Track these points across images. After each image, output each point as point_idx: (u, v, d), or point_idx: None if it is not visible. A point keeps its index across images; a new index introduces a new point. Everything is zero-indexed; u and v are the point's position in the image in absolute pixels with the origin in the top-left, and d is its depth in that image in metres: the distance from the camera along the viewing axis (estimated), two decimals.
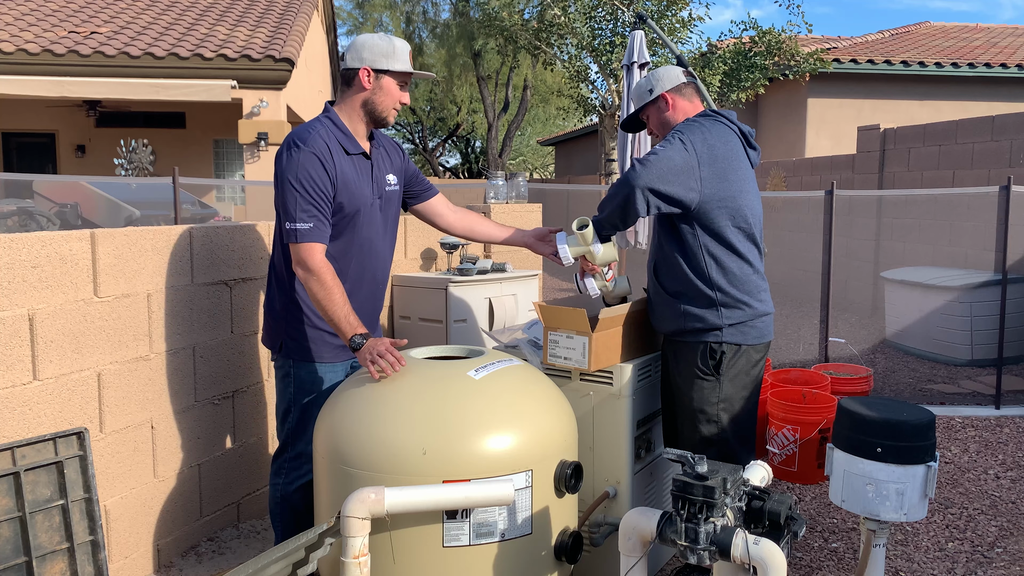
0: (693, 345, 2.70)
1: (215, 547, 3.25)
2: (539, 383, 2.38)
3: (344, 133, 2.58)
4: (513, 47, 13.49)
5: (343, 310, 2.40)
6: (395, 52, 2.55)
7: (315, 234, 2.45)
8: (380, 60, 2.54)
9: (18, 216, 7.17)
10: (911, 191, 5.84)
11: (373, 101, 2.58)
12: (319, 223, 2.46)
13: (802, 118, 13.26)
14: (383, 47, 2.54)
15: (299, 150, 2.46)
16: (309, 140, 2.48)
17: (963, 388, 5.84)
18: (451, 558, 2.12)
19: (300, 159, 2.45)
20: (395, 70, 2.55)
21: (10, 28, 10.80)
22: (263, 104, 10.58)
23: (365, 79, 2.55)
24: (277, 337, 2.67)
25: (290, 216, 2.45)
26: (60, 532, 2.20)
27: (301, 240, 2.43)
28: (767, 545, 1.85)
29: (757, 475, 2.32)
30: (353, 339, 2.37)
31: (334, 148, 2.52)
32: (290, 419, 2.67)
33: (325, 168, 2.47)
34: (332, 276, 2.43)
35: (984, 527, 3.50)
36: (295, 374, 2.64)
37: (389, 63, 2.54)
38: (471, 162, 32.32)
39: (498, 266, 4.39)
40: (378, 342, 2.35)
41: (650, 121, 2.88)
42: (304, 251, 2.43)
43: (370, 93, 2.57)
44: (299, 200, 2.43)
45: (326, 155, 2.48)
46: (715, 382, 2.68)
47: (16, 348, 2.48)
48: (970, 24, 17.18)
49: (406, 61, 2.58)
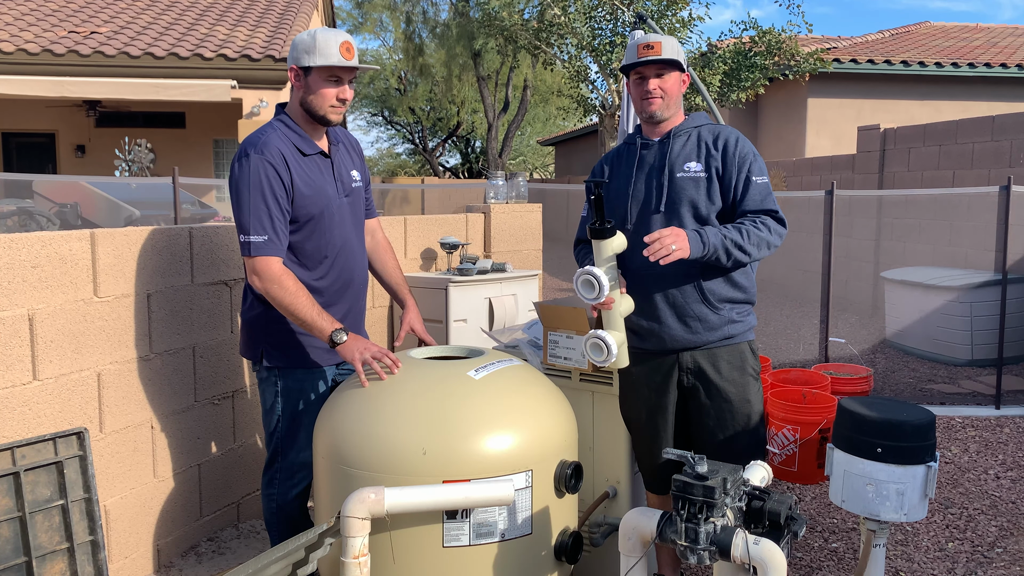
0: (739, 347, 2.56)
1: (215, 547, 3.25)
2: (539, 383, 2.37)
3: (298, 134, 2.48)
4: (513, 47, 13.50)
5: (312, 310, 2.34)
6: (316, 47, 2.37)
7: (270, 247, 2.36)
8: (302, 57, 2.40)
9: (18, 216, 7.17)
10: (911, 191, 5.84)
11: (307, 101, 2.45)
12: (274, 235, 2.37)
13: (802, 118, 13.26)
14: (305, 43, 2.40)
15: (250, 158, 2.37)
16: (261, 145, 2.38)
17: (963, 388, 5.84)
18: (451, 558, 2.12)
19: (252, 166, 2.35)
20: (316, 65, 2.38)
21: (10, 28, 10.80)
22: (263, 104, 10.57)
23: (293, 78, 2.45)
24: (257, 346, 2.59)
25: (243, 227, 2.35)
26: (60, 532, 2.20)
27: (255, 254, 2.34)
28: (767, 545, 1.85)
29: (757, 475, 2.32)
30: (333, 335, 2.32)
31: (289, 151, 2.43)
32: (279, 429, 2.59)
33: (279, 174, 2.38)
34: (293, 281, 2.37)
35: (984, 527, 3.50)
36: (280, 383, 2.57)
37: (311, 59, 2.39)
38: (471, 162, 32.32)
39: (498, 266, 4.39)
40: (368, 344, 2.31)
41: (667, 83, 2.51)
42: (259, 264, 2.35)
43: (303, 93, 2.45)
44: (252, 211, 2.34)
45: (279, 160, 2.38)
46: (759, 380, 2.62)
47: (16, 348, 2.47)
48: (970, 24, 17.18)
49: (329, 54, 2.38)
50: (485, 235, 5.04)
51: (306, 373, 2.57)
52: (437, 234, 4.62)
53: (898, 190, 5.93)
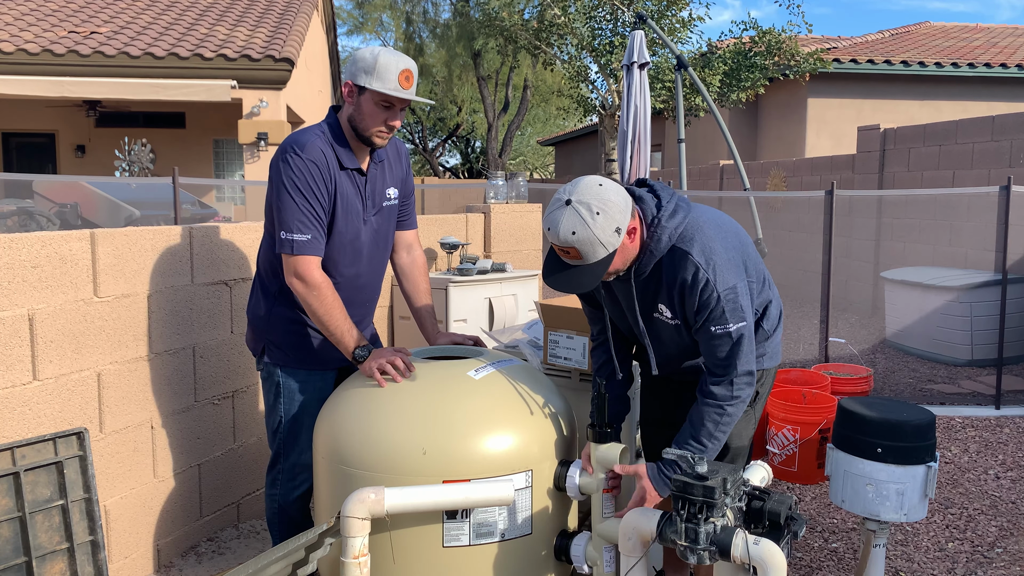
0: None
1: (215, 547, 3.25)
2: (539, 383, 2.37)
3: (342, 145, 2.43)
4: (513, 47, 13.50)
5: (344, 324, 2.34)
6: (376, 69, 2.30)
7: (312, 247, 2.34)
8: (360, 75, 2.32)
9: (18, 216, 7.17)
10: (911, 191, 5.83)
11: (355, 119, 2.38)
12: (316, 235, 2.35)
13: (802, 118, 13.26)
14: (365, 61, 2.31)
15: (298, 157, 2.35)
16: (307, 146, 2.35)
17: (963, 388, 5.84)
18: (451, 558, 2.12)
19: (296, 165, 2.33)
20: (373, 89, 2.31)
21: (10, 28, 10.80)
22: (263, 104, 10.58)
23: (346, 93, 2.38)
24: (259, 342, 2.59)
25: (286, 225, 2.33)
26: (60, 532, 2.20)
27: (297, 252, 2.32)
28: (767, 545, 1.85)
29: (757, 475, 2.32)
30: (356, 352, 2.32)
31: (331, 159, 2.39)
32: (281, 429, 2.58)
33: (323, 178, 2.36)
34: (332, 291, 2.35)
35: (984, 527, 3.50)
36: (283, 383, 2.56)
37: (368, 80, 2.31)
38: (471, 162, 32.34)
39: (498, 266, 4.39)
40: (384, 352, 2.30)
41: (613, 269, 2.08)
42: (301, 264, 2.33)
43: (353, 110, 2.38)
44: (296, 209, 2.33)
45: (323, 165, 2.36)
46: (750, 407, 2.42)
47: (16, 348, 2.47)
48: (970, 24, 17.19)
49: (387, 80, 2.30)
50: (485, 235, 5.04)
51: (308, 374, 2.56)
52: (437, 234, 4.62)
53: (898, 190, 5.93)
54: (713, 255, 2.07)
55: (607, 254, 1.99)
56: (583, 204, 1.94)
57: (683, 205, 2.15)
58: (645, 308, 2.21)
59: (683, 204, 2.15)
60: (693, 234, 2.09)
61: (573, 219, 1.94)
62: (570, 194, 1.97)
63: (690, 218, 2.12)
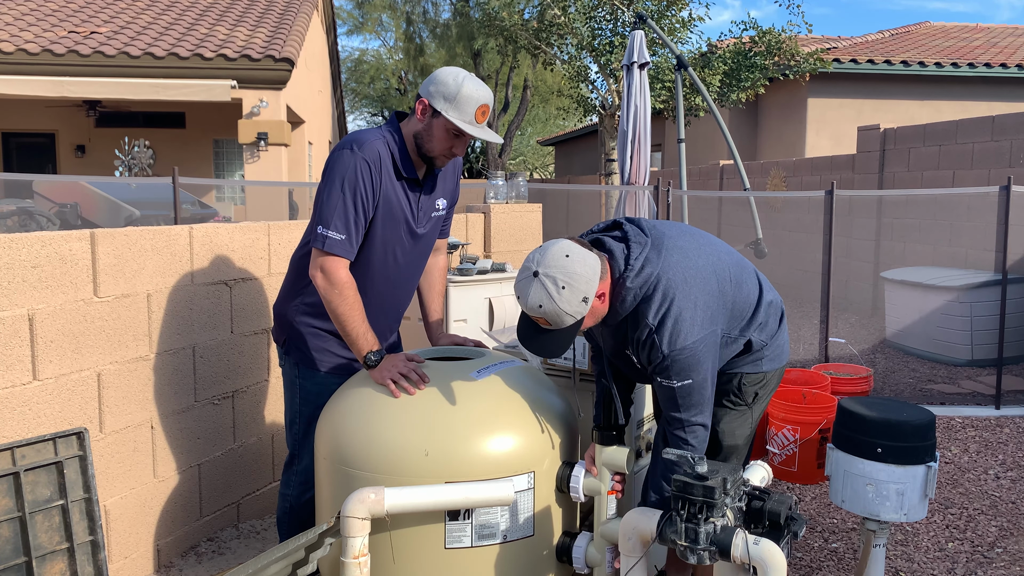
0: (726, 375, 2.38)
1: (215, 547, 3.25)
2: (540, 384, 2.37)
3: (402, 153, 2.40)
4: (513, 47, 13.50)
5: (361, 328, 2.32)
6: (457, 99, 2.29)
7: (344, 248, 2.32)
8: (438, 99, 2.31)
9: (18, 216, 7.17)
10: (911, 191, 5.83)
11: (422, 137, 2.37)
12: (351, 237, 2.33)
13: (802, 118, 13.27)
14: (448, 87, 2.29)
15: (354, 154, 2.31)
16: (365, 144, 2.33)
17: (963, 388, 5.83)
18: (453, 559, 2.12)
19: (354, 163, 2.30)
20: (448, 117, 2.30)
21: (10, 28, 10.79)
22: (263, 104, 10.58)
23: (420, 110, 2.36)
24: (282, 334, 2.62)
25: (324, 220, 2.31)
26: (60, 532, 2.20)
27: (328, 250, 2.30)
28: (767, 545, 1.85)
29: (757, 475, 2.32)
30: (368, 357, 2.31)
31: (386, 163, 2.37)
32: (296, 429, 2.61)
33: (372, 178, 2.33)
34: (355, 293, 2.34)
35: (984, 527, 3.50)
36: (301, 384, 2.57)
37: (445, 108, 2.30)
38: (471, 162, 32.33)
39: (498, 266, 4.39)
40: (396, 361, 2.29)
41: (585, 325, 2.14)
42: (329, 262, 2.31)
43: (422, 128, 2.37)
44: (339, 206, 2.30)
45: (377, 167, 2.34)
46: (741, 411, 2.41)
47: (16, 348, 2.47)
48: (970, 24, 17.19)
49: (465, 112, 2.30)
50: (485, 235, 5.04)
51: (328, 378, 2.55)
52: None
53: (898, 190, 5.92)
54: (668, 317, 2.07)
55: (575, 322, 2.03)
56: (549, 278, 1.98)
57: (653, 257, 2.12)
58: (616, 348, 2.26)
59: (653, 256, 2.12)
60: (653, 293, 2.09)
61: (539, 293, 1.98)
62: (538, 264, 2.01)
63: (657, 274, 2.10)
